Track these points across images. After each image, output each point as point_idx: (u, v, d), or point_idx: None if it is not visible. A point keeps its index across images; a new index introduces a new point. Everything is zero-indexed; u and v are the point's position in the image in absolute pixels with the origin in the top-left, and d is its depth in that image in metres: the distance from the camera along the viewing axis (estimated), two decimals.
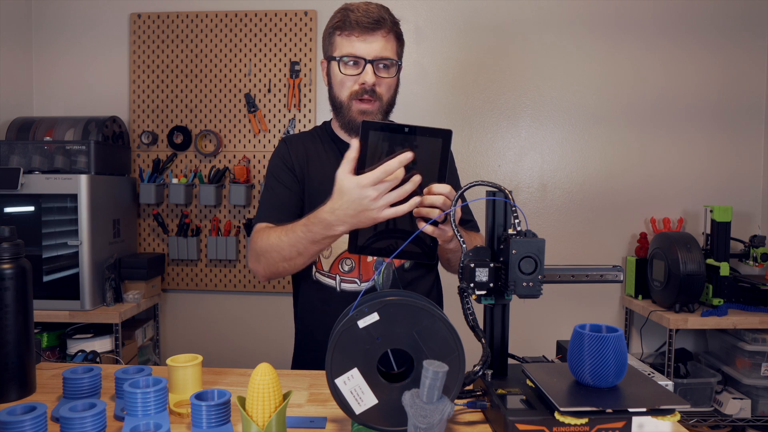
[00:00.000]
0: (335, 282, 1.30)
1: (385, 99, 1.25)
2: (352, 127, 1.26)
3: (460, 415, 0.94)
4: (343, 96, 1.25)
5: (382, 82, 1.24)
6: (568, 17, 2.59)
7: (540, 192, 2.65)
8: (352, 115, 1.25)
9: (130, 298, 2.35)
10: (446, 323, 0.82)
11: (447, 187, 0.98)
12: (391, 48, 1.24)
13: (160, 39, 2.67)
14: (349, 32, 1.21)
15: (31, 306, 1.05)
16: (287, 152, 1.34)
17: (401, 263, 1.30)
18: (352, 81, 1.23)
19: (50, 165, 2.29)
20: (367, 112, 1.24)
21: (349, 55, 1.22)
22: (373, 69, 1.21)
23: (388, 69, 1.24)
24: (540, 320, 2.57)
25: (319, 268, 1.32)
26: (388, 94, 1.26)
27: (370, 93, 1.22)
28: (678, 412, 0.80)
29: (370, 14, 1.21)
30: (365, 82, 1.21)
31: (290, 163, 1.33)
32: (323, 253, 1.30)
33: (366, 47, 1.21)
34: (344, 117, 1.27)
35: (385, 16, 1.23)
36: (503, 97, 2.63)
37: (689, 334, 2.62)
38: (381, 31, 1.21)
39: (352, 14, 1.21)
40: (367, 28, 1.20)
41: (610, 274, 0.96)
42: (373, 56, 1.21)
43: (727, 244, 2.32)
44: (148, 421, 0.84)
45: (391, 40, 1.24)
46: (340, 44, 1.23)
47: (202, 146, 2.66)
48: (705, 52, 2.57)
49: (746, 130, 2.59)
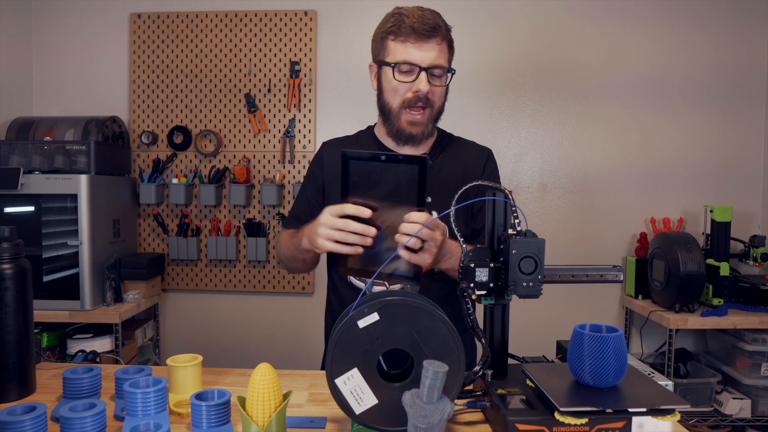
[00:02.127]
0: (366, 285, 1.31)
1: (436, 107, 1.25)
2: (401, 136, 1.26)
3: (460, 415, 0.94)
4: (394, 103, 1.24)
5: (435, 90, 1.23)
6: (568, 17, 2.59)
7: (540, 192, 2.65)
8: (401, 125, 1.25)
9: (130, 298, 2.35)
10: (446, 323, 0.82)
11: (423, 215, 0.99)
12: (445, 56, 1.23)
13: (160, 39, 2.67)
14: (405, 38, 1.19)
15: (31, 306, 1.05)
16: (320, 159, 1.36)
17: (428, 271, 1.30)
18: (405, 88, 1.22)
19: (50, 165, 2.29)
20: (417, 123, 1.24)
21: (404, 62, 1.20)
22: (428, 77, 1.20)
23: (441, 77, 1.23)
24: (540, 320, 2.57)
25: None
26: (439, 102, 1.26)
27: (424, 101, 1.22)
28: (678, 412, 0.80)
29: (425, 21, 1.19)
30: (419, 90, 1.20)
31: (320, 171, 1.35)
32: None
33: (421, 54, 1.19)
34: (393, 125, 1.27)
35: (440, 23, 1.21)
36: (503, 97, 2.63)
37: (689, 334, 2.61)
38: (436, 39, 1.20)
39: (407, 20, 1.19)
40: (423, 35, 1.19)
41: (610, 274, 0.96)
42: (428, 64, 1.20)
43: (727, 244, 2.32)
44: (148, 421, 0.84)
45: (444, 48, 1.23)
46: (394, 50, 1.21)
47: (202, 146, 2.66)
48: (705, 47, 2.58)
49: (747, 131, 2.59)
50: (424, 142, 1.29)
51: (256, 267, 2.68)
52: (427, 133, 1.26)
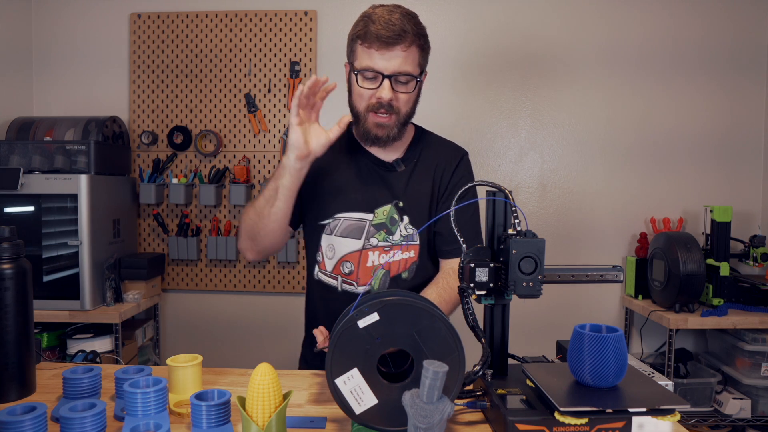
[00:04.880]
0: (337, 282, 1.32)
1: (402, 112, 1.25)
2: (368, 137, 1.27)
3: (460, 415, 0.94)
4: (360, 107, 1.25)
5: (400, 96, 1.23)
6: (568, 16, 2.59)
7: (540, 192, 2.65)
8: (367, 127, 1.25)
9: (130, 298, 2.35)
10: (446, 323, 0.82)
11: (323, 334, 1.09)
12: (412, 61, 1.21)
13: (160, 39, 2.67)
14: (369, 44, 1.19)
15: (31, 306, 1.05)
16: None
17: (398, 272, 1.31)
18: (369, 94, 1.22)
19: (50, 165, 2.29)
20: (382, 126, 1.24)
21: (367, 69, 1.20)
22: (391, 84, 1.20)
23: (407, 84, 1.23)
24: (540, 320, 2.57)
25: (322, 268, 1.34)
26: (405, 108, 1.25)
27: (387, 108, 1.22)
28: (678, 412, 0.80)
29: (391, 26, 1.17)
30: (381, 98, 1.21)
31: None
32: (327, 253, 1.31)
33: (384, 62, 1.19)
34: (360, 127, 1.28)
35: (407, 28, 1.19)
36: (503, 97, 2.63)
37: (689, 334, 2.61)
38: (401, 45, 1.19)
39: (373, 26, 1.18)
40: (387, 42, 1.17)
41: (610, 274, 0.96)
42: (391, 71, 1.19)
43: (727, 244, 2.32)
44: (148, 421, 0.84)
45: (412, 53, 1.21)
46: (361, 55, 1.22)
47: (202, 146, 2.66)
48: (706, 38, 2.58)
49: (747, 129, 2.59)
50: (390, 144, 1.28)
51: (256, 267, 2.68)
52: (393, 136, 1.26)
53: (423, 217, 1.31)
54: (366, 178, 1.32)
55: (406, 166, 1.33)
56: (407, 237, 1.30)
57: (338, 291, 1.32)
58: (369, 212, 1.30)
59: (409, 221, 1.31)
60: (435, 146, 1.38)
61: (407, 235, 1.30)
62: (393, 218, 1.30)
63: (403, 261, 1.31)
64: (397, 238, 1.30)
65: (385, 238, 1.29)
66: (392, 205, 1.30)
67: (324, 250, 1.33)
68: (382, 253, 1.29)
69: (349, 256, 1.30)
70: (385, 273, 1.30)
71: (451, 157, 1.36)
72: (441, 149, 1.38)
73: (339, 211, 1.31)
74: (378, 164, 1.33)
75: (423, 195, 1.32)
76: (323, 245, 1.33)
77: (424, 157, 1.35)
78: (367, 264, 1.30)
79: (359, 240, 1.29)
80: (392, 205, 1.30)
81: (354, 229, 1.30)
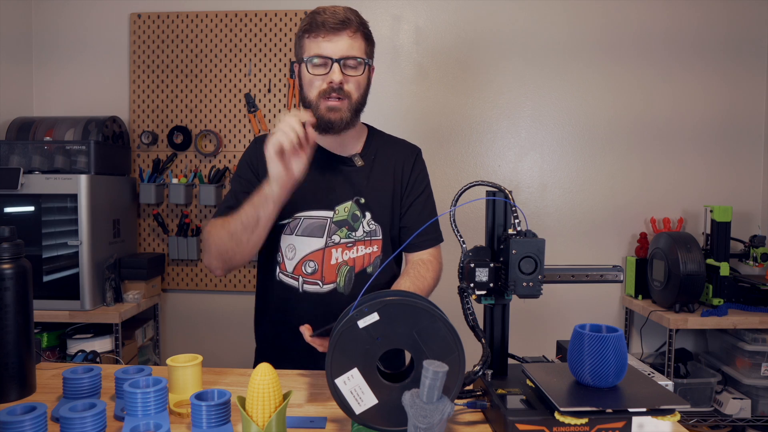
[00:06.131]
0: (298, 283, 1.32)
1: (354, 97, 1.26)
2: (321, 124, 1.25)
3: (460, 415, 0.94)
4: (311, 95, 1.25)
5: (350, 80, 1.24)
6: (568, 16, 2.59)
7: (540, 192, 2.65)
8: (321, 112, 1.24)
9: (130, 298, 2.35)
10: (446, 323, 0.82)
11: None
12: (359, 47, 1.25)
13: (160, 39, 2.67)
14: (316, 34, 1.22)
15: (31, 306, 1.05)
16: (254, 153, 1.35)
17: (362, 267, 1.32)
18: (320, 80, 1.23)
19: (50, 165, 2.29)
20: (335, 109, 1.24)
21: (316, 55, 1.22)
22: (341, 68, 1.22)
23: (356, 68, 1.25)
24: (540, 320, 2.57)
25: (282, 269, 1.33)
26: (357, 93, 1.26)
27: (338, 91, 1.23)
28: (678, 412, 0.80)
29: (336, 15, 1.22)
30: (332, 81, 1.22)
31: (255, 165, 1.34)
32: (287, 254, 1.31)
33: (332, 47, 1.22)
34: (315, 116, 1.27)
35: (351, 17, 1.24)
36: (503, 97, 2.63)
37: (689, 334, 2.61)
38: (347, 31, 1.23)
39: (319, 17, 1.23)
40: (334, 28, 1.22)
41: (610, 274, 0.96)
42: (339, 55, 1.22)
43: (727, 244, 2.32)
44: (148, 421, 0.84)
45: (358, 39, 1.25)
46: (308, 46, 1.24)
47: (202, 146, 2.66)
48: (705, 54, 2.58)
49: (747, 119, 2.58)
50: (344, 130, 1.28)
51: (256, 267, 2.67)
52: (346, 121, 1.26)
53: (386, 213, 1.33)
54: (324, 174, 1.32)
55: (365, 163, 1.33)
56: (370, 233, 1.32)
57: (299, 292, 1.31)
58: (329, 209, 1.31)
59: (371, 217, 1.32)
60: (391, 144, 1.41)
61: (370, 231, 1.32)
62: (355, 215, 1.31)
63: (367, 255, 1.32)
64: (360, 234, 1.31)
65: (348, 235, 1.30)
66: (353, 202, 1.31)
67: (284, 250, 1.32)
68: (345, 250, 1.30)
69: (312, 255, 1.30)
70: (350, 269, 1.30)
71: (408, 155, 1.40)
72: (398, 147, 1.41)
73: (298, 210, 1.31)
74: (336, 160, 1.34)
75: (384, 191, 1.34)
76: (282, 246, 1.32)
77: (381, 154, 1.37)
78: (331, 262, 1.30)
79: (321, 238, 1.30)
80: (353, 201, 1.31)
81: (315, 227, 1.30)
